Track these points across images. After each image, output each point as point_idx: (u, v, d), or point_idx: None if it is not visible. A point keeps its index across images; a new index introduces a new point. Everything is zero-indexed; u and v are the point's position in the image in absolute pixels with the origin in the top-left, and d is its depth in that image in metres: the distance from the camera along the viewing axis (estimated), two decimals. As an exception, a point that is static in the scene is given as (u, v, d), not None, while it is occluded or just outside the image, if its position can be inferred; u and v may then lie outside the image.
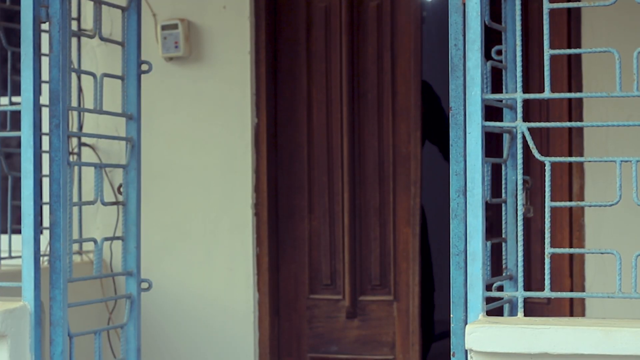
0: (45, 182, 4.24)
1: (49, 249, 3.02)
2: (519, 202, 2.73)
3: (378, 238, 4.96)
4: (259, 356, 4.98)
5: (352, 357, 5.00)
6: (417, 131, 4.91)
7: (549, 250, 2.68)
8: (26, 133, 3.01)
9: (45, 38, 3.05)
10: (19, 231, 3.22)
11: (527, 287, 4.17)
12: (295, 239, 5.06)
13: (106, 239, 3.37)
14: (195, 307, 5.06)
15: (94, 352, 3.23)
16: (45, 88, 3.13)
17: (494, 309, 2.83)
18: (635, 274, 2.57)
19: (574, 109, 4.50)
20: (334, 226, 5.00)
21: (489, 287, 2.76)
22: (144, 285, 3.38)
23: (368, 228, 4.97)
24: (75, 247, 5.09)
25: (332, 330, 5.03)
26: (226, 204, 5.02)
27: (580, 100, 4.47)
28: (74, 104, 5.05)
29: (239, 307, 4.99)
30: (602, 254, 2.71)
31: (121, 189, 3.37)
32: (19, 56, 3.12)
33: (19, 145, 3.09)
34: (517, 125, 2.70)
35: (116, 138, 3.53)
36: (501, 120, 3.08)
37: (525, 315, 2.70)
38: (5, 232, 4.74)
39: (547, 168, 2.68)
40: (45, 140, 3.35)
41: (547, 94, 2.69)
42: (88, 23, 5.19)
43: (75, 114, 5.11)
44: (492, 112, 2.89)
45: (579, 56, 4.47)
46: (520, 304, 2.70)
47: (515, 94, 2.73)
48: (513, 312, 3.04)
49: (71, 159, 4.94)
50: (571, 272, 4.51)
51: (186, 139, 5.09)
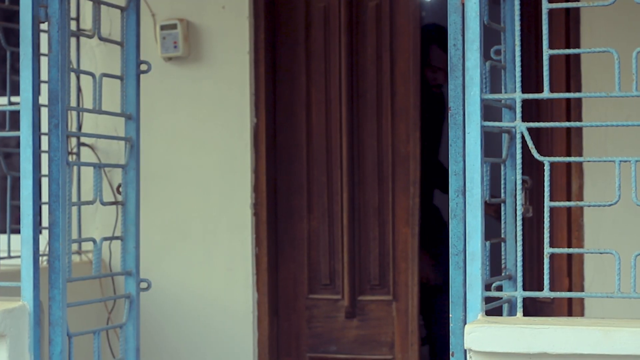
0: (45, 182, 4.22)
1: (48, 248, 3.02)
2: (518, 202, 2.74)
3: (377, 238, 4.96)
4: (258, 356, 4.98)
5: (351, 357, 5.00)
6: (416, 131, 4.90)
7: (548, 250, 2.68)
8: (25, 133, 3.01)
9: (44, 38, 3.05)
10: (18, 231, 3.22)
11: (528, 287, 4.16)
12: (294, 239, 5.06)
13: (105, 238, 3.37)
14: (194, 307, 5.05)
15: (93, 352, 3.23)
16: (44, 88, 3.13)
17: (493, 308, 2.84)
18: (634, 274, 2.57)
19: (573, 109, 4.50)
20: (333, 226, 5.00)
21: (488, 287, 2.76)
22: (143, 285, 3.38)
23: (367, 228, 4.97)
24: (75, 247, 5.09)
25: (331, 330, 5.03)
26: (225, 204, 5.02)
27: (579, 100, 4.47)
28: (73, 104, 5.05)
29: (238, 307, 4.99)
30: (601, 254, 2.71)
31: (120, 189, 3.37)
32: (18, 56, 3.12)
33: (18, 145, 3.09)
34: (516, 125, 2.70)
35: (115, 138, 3.53)
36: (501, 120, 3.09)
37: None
38: (4, 232, 4.74)
39: (546, 168, 2.68)
40: (45, 140, 3.35)
41: (546, 94, 2.69)
42: (87, 23, 5.19)
43: (74, 113, 5.11)
44: (493, 112, 2.89)
45: (578, 56, 4.47)
46: (520, 304, 2.70)
47: (514, 94, 2.73)
48: (512, 312, 3.04)
49: (70, 159, 4.94)
50: (570, 272, 4.51)
51: (185, 139, 5.09)
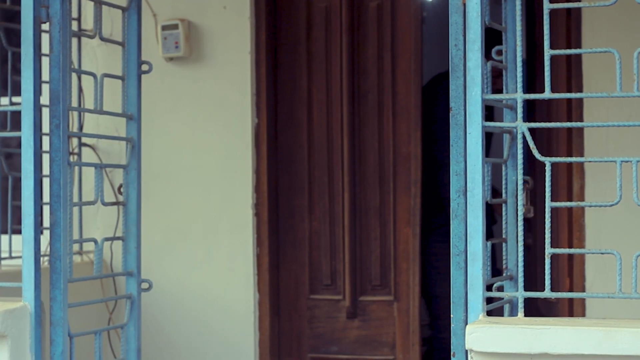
0: (46, 182, 4.22)
1: (49, 249, 3.02)
2: (519, 203, 2.73)
3: (378, 238, 4.96)
4: (259, 356, 4.98)
5: (352, 357, 5.00)
6: (418, 131, 4.90)
7: (549, 250, 2.68)
8: (26, 133, 3.01)
9: (45, 38, 3.05)
10: (19, 231, 3.22)
11: (530, 287, 4.16)
12: (296, 239, 5.06)
13: (106, 239, 3.37)
14: (195, 307, 5.05)
15: (94, 353, 3.23)
16: (45, 88, 3.13)
17: (495, 309, 2.83)
18: (635, 274, 2.57)
19: (574, 109, 4.49)
20: (334, 226, 5.00)
21: (489, 288, 2.75)
22: (144, 285, 3.38)
23: (368, 228, 4.97)
24: (76, 247, 5.09)
25: (332, 331, 5.03)
26: (226, 204, 5.02)
27: (580, 101, 4.47)
28: (75, 104, 5.05)
29: (239, 307, 4.99)
30: (602, 254, 2.71)
31: (121, 189, 3.37)
32: (19, 56, 3.13)
33: (19, 146, 3.09)
34: (517, 125, 2.70)
35: (116, 138, 3.52)
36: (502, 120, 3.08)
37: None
38: (5, 232, 4.74)
39: (548, 168, 2.68)
40: (46, 141, 3.35)
41: (547, 94, 2.69)
42: (88, 23, 5.19)
43: (75, 114, 5.11)
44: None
45: (579, 56, 4.47)
46: (521, 304, 2.70)
47: (515, 94, 2.73)
48: (513, 313, 3.04)
49: (71, 159, 4.94)
50: (571, 272, 4.51)
51: (186, 139, 5.09)
